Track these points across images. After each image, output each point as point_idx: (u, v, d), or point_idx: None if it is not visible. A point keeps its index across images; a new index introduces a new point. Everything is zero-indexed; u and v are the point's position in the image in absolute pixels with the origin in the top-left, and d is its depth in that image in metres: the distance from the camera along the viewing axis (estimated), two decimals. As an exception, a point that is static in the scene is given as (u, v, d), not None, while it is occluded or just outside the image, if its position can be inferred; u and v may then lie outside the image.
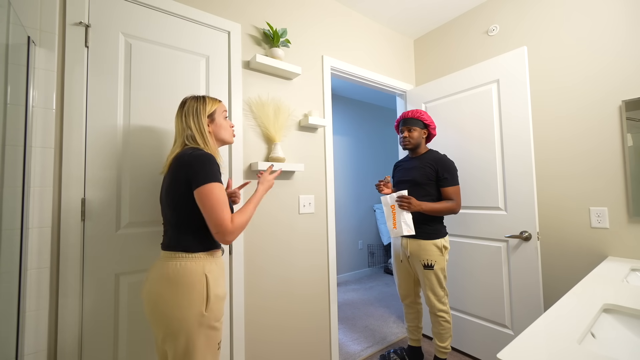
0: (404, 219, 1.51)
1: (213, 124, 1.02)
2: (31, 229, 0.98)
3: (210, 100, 1.02)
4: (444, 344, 1.57)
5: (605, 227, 1.49)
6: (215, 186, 0.88)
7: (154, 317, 0.87)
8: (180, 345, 0.84)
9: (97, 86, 1.13)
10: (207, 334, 0.87)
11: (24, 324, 0.95)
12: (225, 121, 1.06)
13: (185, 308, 0.84)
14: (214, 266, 0.93)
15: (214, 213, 0.87)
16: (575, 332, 0.74)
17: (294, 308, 1.60)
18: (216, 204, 0.87)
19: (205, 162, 0.89)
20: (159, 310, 0.85)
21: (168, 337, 0.85)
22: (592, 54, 1.55)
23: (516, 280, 1.63)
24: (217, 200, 0.87)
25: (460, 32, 2.12)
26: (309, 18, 1.78)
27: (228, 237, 0.88)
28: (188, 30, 1.34)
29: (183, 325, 0.84)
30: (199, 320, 0.85)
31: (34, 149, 1.00)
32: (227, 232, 0.87)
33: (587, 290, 1.02)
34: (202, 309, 0.86)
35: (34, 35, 1.02)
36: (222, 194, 0.89)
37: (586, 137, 1.56)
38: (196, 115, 0.98)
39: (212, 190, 0.87)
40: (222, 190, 0.90)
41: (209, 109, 1.00)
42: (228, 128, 1.07)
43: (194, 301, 0.85)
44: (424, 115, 1.65)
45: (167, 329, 0.85)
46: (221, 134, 1.04)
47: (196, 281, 0.87)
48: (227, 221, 0.87)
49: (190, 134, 0.97)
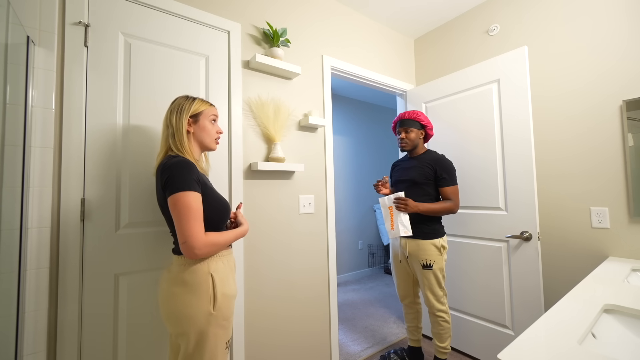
0: (401, 220, 1.52)
1: (196, 125, 0.98)
2: (30, 229, 0.98)
3: (199, 101, 0.99)
4: (444, 344, 1.57)
5: (606, 227, 1.49)
6: (188, 195, 0.83)
7: (167, 317, 0.89)
8: (190, 343, 0.86)
9: (97, 86, 1.12)
10: (216, 333, 0.88)
11: (23, 324, 0.95)
12: (211, 125, 1.01)
13: (194, 307, 0.86)
14: (221, 265, 0.93)
15: (182, 223, 0.82)
16: (576, 332, 0.73)
17: (294, 310, 1.59)
18: (185, 214, 0.82)
19: (181, 169, 0.85)
20: (170, 309, 0.88)
21: (179, 336, 0.88)
22: (593, 53, 1.54)
23: (516, 280, 1.62)
24: (187, 210, 0.82)
25: (460, 32, 2.12)
26: (309, 18, 1.78)
27: (195, 250, 0.82)
28: (188, 30, 1.34)
29: (192, 324, 0.85)
30: (207, 319, 0.87)
31: (33, 148, 1.00)
32: (195, 245, 0.81)
33: (587, 290, 1.01)
34: (210, 308, 0.87)
35: (33, 35, 1.02)
36: (194, 204, 0.84)
37: (587, 137, 1.56)
38: (179, 113, 0.96)
39: (182, 199, 0.82)
40: (196, 200, 0.84)
41: (194, 109, 0.97)
42: (212, 133, 1.02)
43: (202, 300, 0.87)
44: (421, 115, 1.64)
45: (179, 328, 0.87)
46: (202, 137, 0.99)
47: (202, 281, 0.88)
48: (197, 233, 0.82)
49: (172, 131, 0.95)
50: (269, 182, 1.55)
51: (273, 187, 1.56)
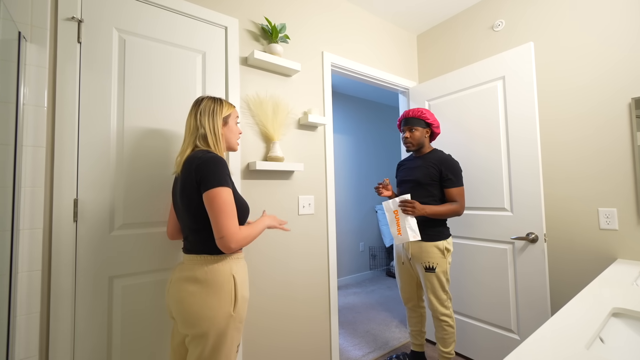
0: (408, 224, 1.46)
1: (226, 127, 1.02)
2: (22, 231, 0.96)
3: (226, 104, 1.03)
4: (448, 349, 1.54)
5: (614, 229, 1.45)
6: (224, 190, 0.86)
7: (183, 318, 0.87)
8: (208, 345, 0.85)
9: (90, 83, 1.10)
10: (232, 335, 0.89)
11: (15, 329, 0.93)
12: (236, 127, 1.06)
13: (215, 309, 0.86)
14: (240, 268, 0.95)
15: (220, 218, 0.85)
16: (583, 337, 0.72)
17: (293, 313, 1.56)
18: (224, 209, 0.85)
19: (217, 165, 0.88)
20: (189, 311, 0.86)
21: (197, 337, 0.86)
22: (601, 50, 1.51)
23: (522, 283, 1.59)
24: (225, 205, 0.85)
25: (464, 28, 2.08)
26: (308, 13, 1.74)
27: (233, 244, 0.85)
28: (184, 26, 1.31)
29: (212, 326, 0.85)
30: (227, 321, 0.87)
31: (25, 147, 0.98)
32: (233, 239, 0.85)
33: (595, 293, 0.99)
34: (231, 310, 0.88)
35: (25, 31, 1.00)
36: (230, 200, 0.87)
37: (595, 136, 1.52)
38: (212, 116, 0.97)
39: (220, 195, 0.85)
40: (230, 196, 0.88)
41: (225, 112, 1.01)
42: (237, 134, 1.07)
43: (223, 302, 0.87)
44: (426, 113, 1.60)
45: (197, 329, 0.85)
46: (231, 139, 1.04)
47: (225, 282, 0.89)
48: (234, 228, 0.86)
49: (203, 133, 0.96)
50: (267, 182, 1.52)
51: (272, 188, 1.53)
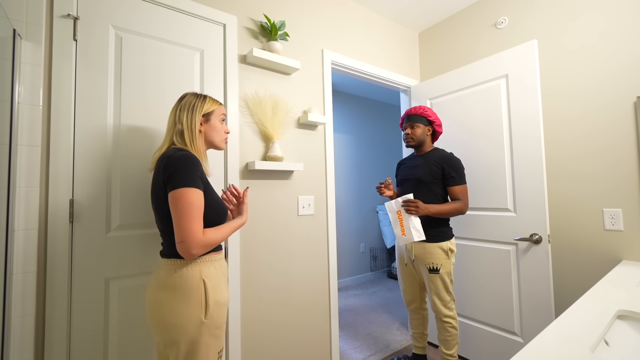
0: (412, 224, 1.43)
1: (207, 124, 0.98)
2: (17, 231, 0.95)
3: (210, 100, 0.99)
4: (451, 352, 1.51)
5: (619, 230, 1.43)
6: (190, 191, 0.81)
7: (154, 325, 0.85)
8: (180, 353, 0.82)
9: (86, 81, 1.09)
10: (207, 343, 0.84)
11: (9, 331, 0.92)
12: (221, 125, 1.02)
13: (184, 316, 0.82)
14: (213, 270, 0.89)
15: (182, 221, 0.79)
16: (588, 339, 0.71)
17: (292, 317, 1.54)
18: (187, 211, 0.80)
19: (187, 164, 0.83)
20: (158, 318, 0.83)
21: (168, 345, 0.83)
22: (606, 47, 1.48)
23: (526, 285, 1.56)
24: (189, 207, 0.80)
25: (467, 25, 2.05)
26: (308, 10, 1.72)
27: (193, 250, 0.80)
28: (182, 23, 1.30)
29: (182, 333, 0.81)
30: (199, 328, 0.83)
31: (20, 147, 0.97)
32: (194, 244, 0.79)
33: (600, 295, 0.98)
34: (202, 316, 0.83)
35: (19, 28, 0.98)
36: (197, 201, 0.82)
37: (599, 135, 1.50)
38: (190, 111, 0.94)
39: (185, 196, 0.80)
40: (198, 197, 0.83)
41: (206, 108, 0.97)
42: (222, 132, 1.02)
43: (193, 308, 0.83)
44: (428, 111, 1.59)
45: (168, 337, 0.83)
46: (213, 136, 0.99)
47: (193, 287, 0.84)
48: (196, 232, 0.80)
49: (180, 129, 0.93)
50: (266, 182, 1.50)
51: (271, 188, 1.51)
